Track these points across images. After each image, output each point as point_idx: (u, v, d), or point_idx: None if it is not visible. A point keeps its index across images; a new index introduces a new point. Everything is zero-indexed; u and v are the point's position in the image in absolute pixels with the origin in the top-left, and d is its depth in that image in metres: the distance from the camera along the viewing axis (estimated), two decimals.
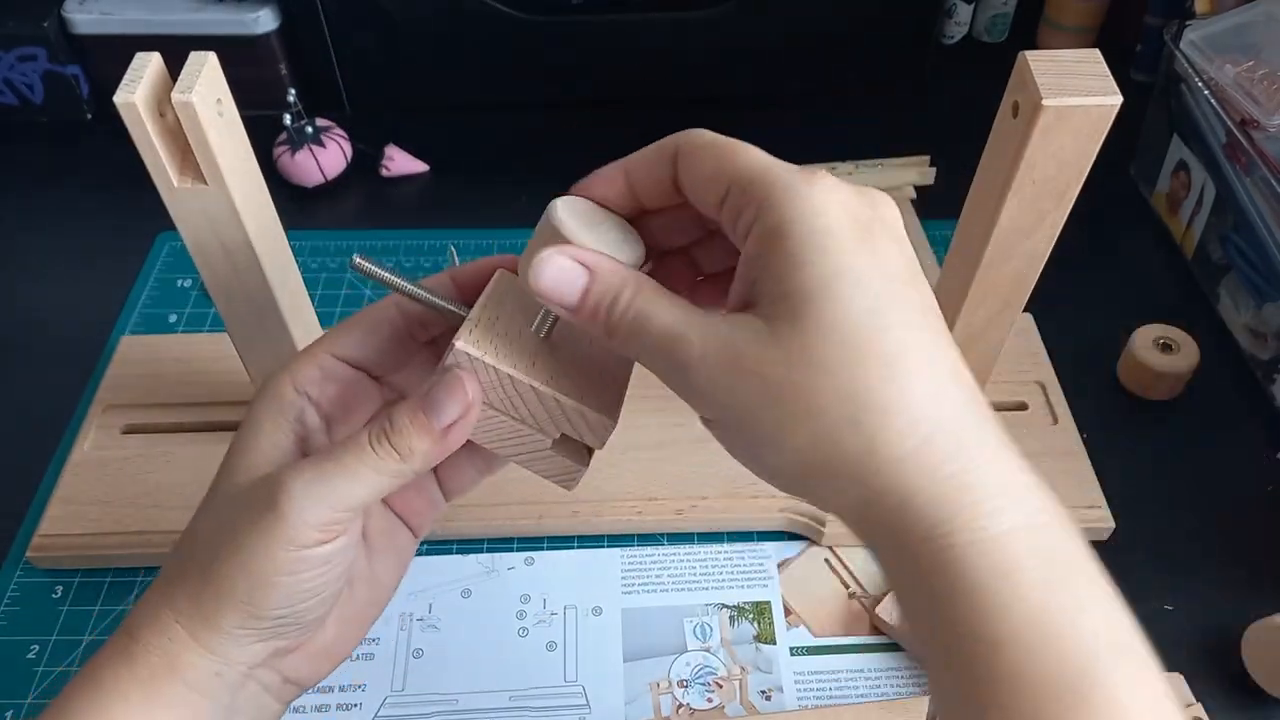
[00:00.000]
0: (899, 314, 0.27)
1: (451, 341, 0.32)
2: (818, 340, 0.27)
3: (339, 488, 0.31)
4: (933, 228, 0.69)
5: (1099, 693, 0.24)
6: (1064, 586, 0.26)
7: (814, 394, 0.26)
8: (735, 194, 0.29)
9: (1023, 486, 0.27)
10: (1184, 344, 0.58)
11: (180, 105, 0.37)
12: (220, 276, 0.44)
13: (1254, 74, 0.60)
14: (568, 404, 0.32)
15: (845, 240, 0.27)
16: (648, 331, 0.29)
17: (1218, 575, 0.52)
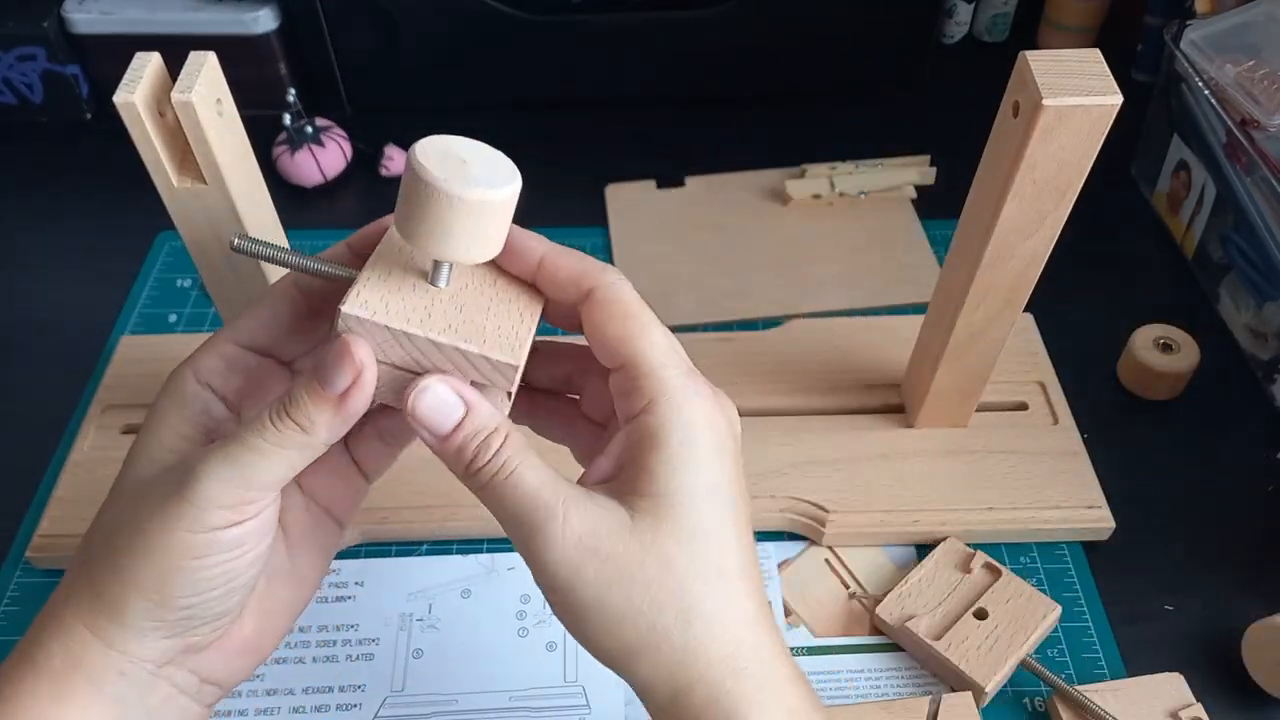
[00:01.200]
0: (733, 535, 0.32)
1: (338, 306, 0.31)
2: (674, 544, 0.30)
3: (246, 466, 0.30)
4: (933, 227, 0.69)
5: None
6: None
7: (658, 592, 0.30)
8: (629, 376, 0.32)
9: (791, 679, 0.32)
10: (1184, 344, 0.58)
11: (180, 105, 0.37)
12: (220, 276, 0.44)
13: (1254, 74, 0.60)
14: (470, 351, 0.31)
15: (711, 459, 0.31)
16: (515, 488, 0.31)
17: (1218, 575, 0.52)
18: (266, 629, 0.35)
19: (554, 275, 0.33)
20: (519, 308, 0.34)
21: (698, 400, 0.32)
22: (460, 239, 0.31)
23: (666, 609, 0.30)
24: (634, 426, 0.32)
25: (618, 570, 0.30)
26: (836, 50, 0.77)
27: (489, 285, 0.34)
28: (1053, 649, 0.49)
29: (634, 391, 0.32)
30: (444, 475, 0.53)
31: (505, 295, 0.34)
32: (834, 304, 0.64)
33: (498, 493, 0.31)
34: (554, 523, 0.30)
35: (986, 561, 0.50)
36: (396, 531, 0.52)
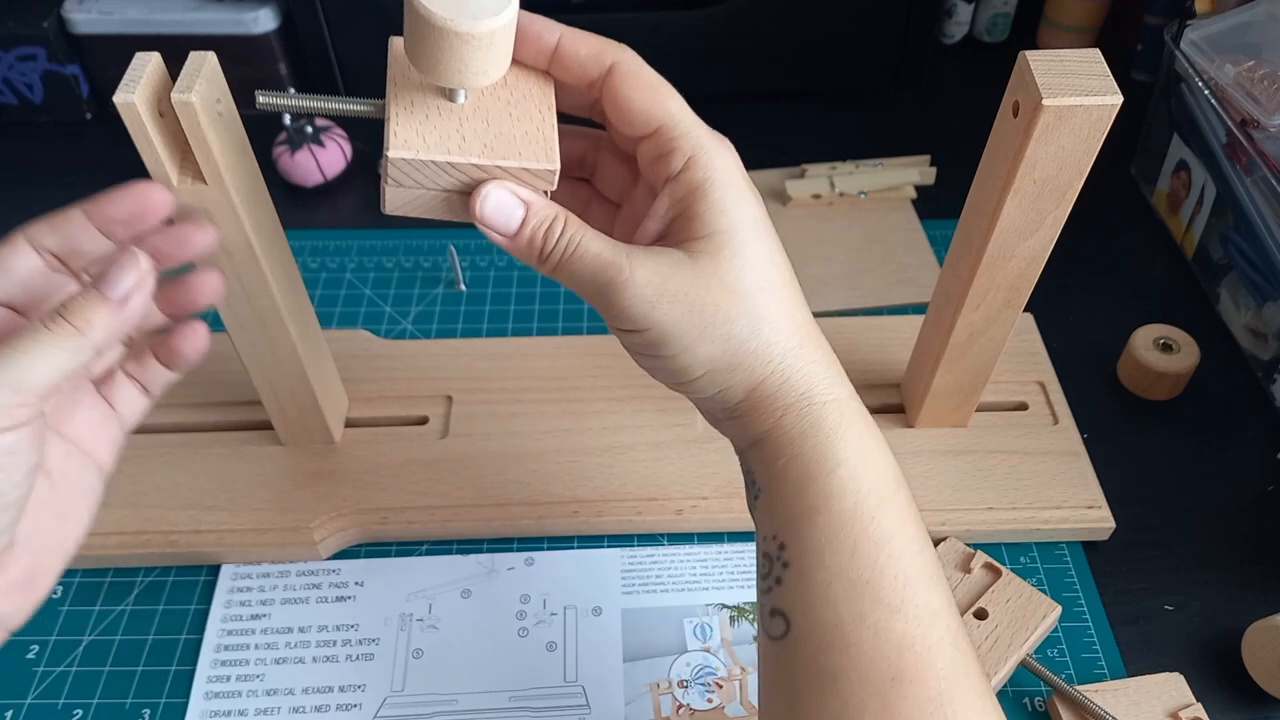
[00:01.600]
0: (780, 257, 0.37)
1: (384, 154, 0.34)
2: (733, 272, 0.35)
3: (17, 367, 0.31)
4: (933, 227, 0.69)
5: (893, 501, 0.34)
6: (870, 434, 0.36)
7: (728, 310, 0.35)
8: (662, 138, 0.36)
9: (843, 376, 0.37)
10: (1184, 344, 0.58)
11: (180, 105, 0.37)
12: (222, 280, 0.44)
13: (1254, 74, 0.60)
14: (511, 166, 0.34)
15: (747, 198, 0.36)
16: (582, 258, 0.35)
17: (1218, 575, 0.52)
18: (39, 567, 0.35)
19: (574, 54, 0.36)
20: (536, 104, 0.36)
21: (728, 152, 0.36)
22: (475, 67, 0.33)
23: (737, 320, 0.35)
24: (678, 183, 0.36)
25: (688, 299, 0.34)
26: (836, 50, 0.77)
27: (502, 86, 0.36)
28: (1053, 649, 0.49)
29: (672, 152, 0.35)
30: (444, 475, 0.53)
31: (520, 92, 0.36)
32: (834, 304, 0.64)
33: (571, 267, 0.35)
34: (622, 274, 0.34)
35: (986, 561, 0.50)
36: (397, 531, 0.52)
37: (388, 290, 0.65)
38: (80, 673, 0.48)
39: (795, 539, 0.34)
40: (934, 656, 0.32)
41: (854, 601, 0.32)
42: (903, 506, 0.35)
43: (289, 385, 0.50)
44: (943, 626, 0.32)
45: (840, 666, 0.31)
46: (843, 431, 0.35)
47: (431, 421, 0.55)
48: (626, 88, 0.36)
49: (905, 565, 0.33)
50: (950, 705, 0.31)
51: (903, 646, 0.31)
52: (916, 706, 0.31)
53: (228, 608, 0.50)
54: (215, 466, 0.53)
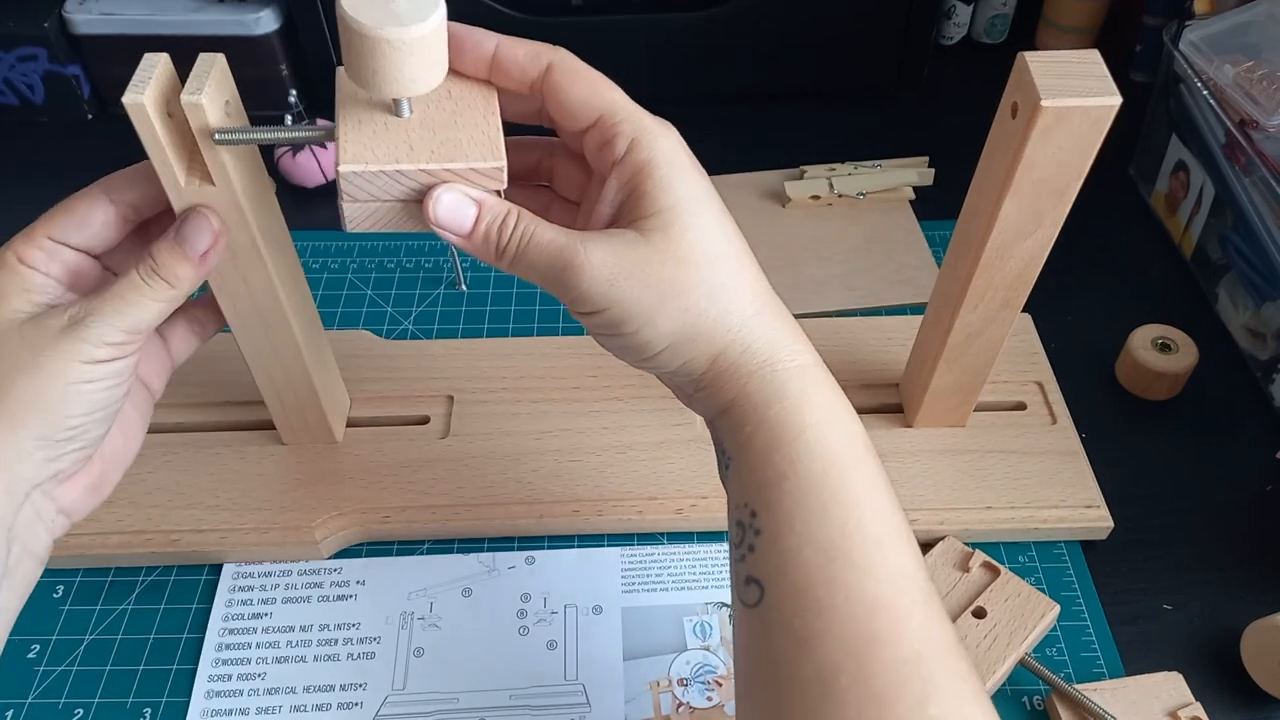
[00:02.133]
0: (731, 229, 0.38)
1: (335, 168, 0.36)
2: (685, 245, 0.36)
3: (125, 312, 0.38)
4: (931, 228, 0.69)
5: (861, 465, 0.35)
6: (836, 399, 0.37)
7: (683, 282, 0.36)
8: (605, 126, 0.37)
9: (806, 342, 0.38)
10: (1182, 344, 0.58)
11: (189, 107, 0.37)
12: (225, 277, 0.44)
13: (1253, 74, 0.60)
14: (459, 168, 0.36)
15: (692, 174, 0.37)
16: (537, 247, 0.36)
17: (1217, 575, 0.52)
18: (107, 474, 0.42)
19: (512, 59, 0.37)
20: (480, 110, 0.37)
21: (670, 133, 0.38)
22: (411, 74, 0.34)
23: (693, 291, 0.36)
24: (623, 166, 0.37)
25: (643, 276, 0.35)
26: (836, 51, 0.77)
27: (446, 98, 0.37)
28: (1051, 648, 0.49)
29: (615, 137, 0.37)
30: (445, 475, 0.53)
31: (464, 102, 0.37)
32: (833, 304, 0.64)
33: (527, 258, 0.37)
34: (578, 257, 0.35)
35: (985, 560, 0.50)
36: (398, 530, 0.52)
37: (389, 290, 0.65)
38: (81, 672, 0.48)
39: (765, 505, 0.34)
40: (907, 618, 0.32)
41: (825, 565, 0.33)
42: (871, 470, 0.35)
43: (292, 385, 0.50)
44: (915, 589, 0.33)
45: (814, 630, 0.32)
46: (808, 396, 0.36)
47: (433, 421, 0.56)
48: (565, 82, 0.37)
49: (875, 528, 0.33)
50: (925, 665, 0.31)
51: (875, 608, 0.32)
52: (891, 667, 0.31)
53: (229, 606, 0.50)
54: (217, 466, 0.53)
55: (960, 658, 0.32)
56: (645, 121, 0.37)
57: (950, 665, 0.32)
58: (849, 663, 0.31)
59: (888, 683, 0.31)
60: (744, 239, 0.38)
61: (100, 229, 0.40)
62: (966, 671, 0.32)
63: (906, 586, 0.33)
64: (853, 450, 0.35)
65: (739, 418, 0.36)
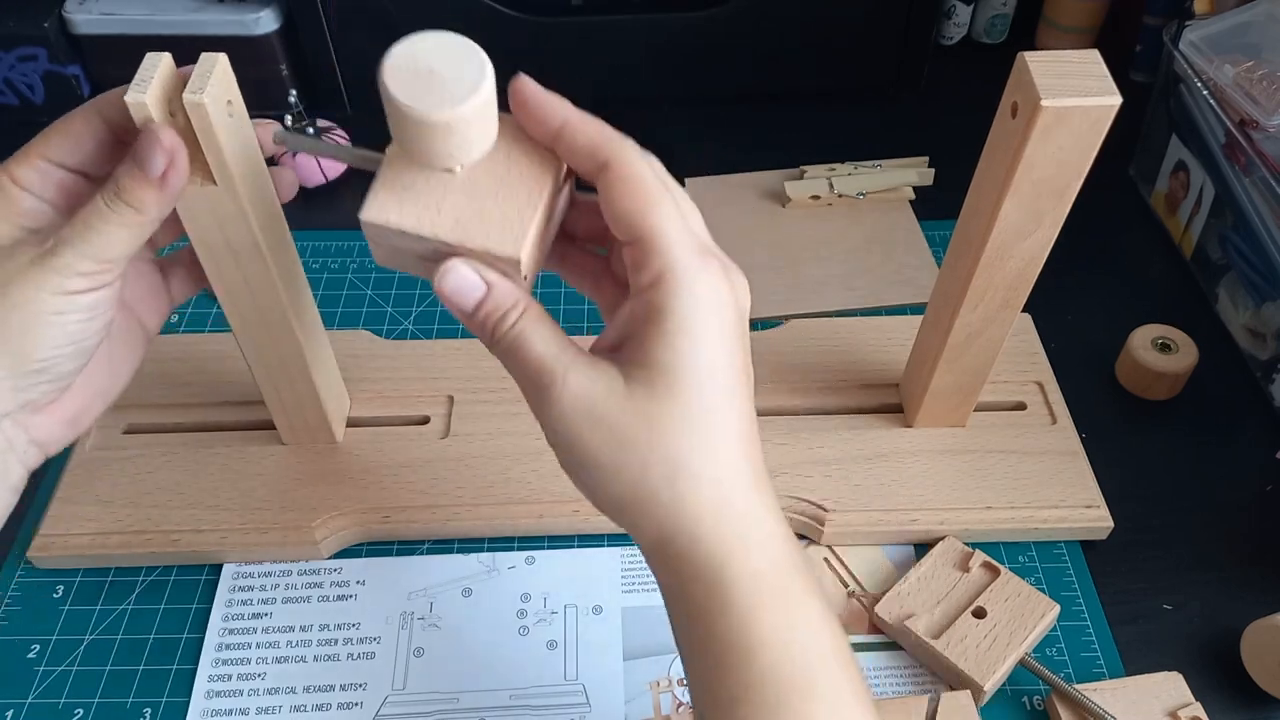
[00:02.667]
0: (729, 405, 0.34)
1: (359, 215, 0.34)
2: (663, 410, 0.33)
3: (92, 240, 0.36)
4: (931, 228, 0.69)
5: (821, 689, 0.32)
6: (797, 607, 0.33)
7: (649, 452, 0.33)
8: (639, 251, 0.33)
9: (778, 535, 0.34)
10: (1182, 344, 0.58)
11: (192, 106, 0.37)
12: (227, 276, 0.44)
13: (1253, 74, 0.60)
14: (475, 248, 0.34)
15: (711, 337, 0.33)
16: (524, 353, 0.34)
17: (1217, 575, 0.52)
18: (86, 407, 0.41)
19: (573, 143, 0.34)
20: (529, 186, 0.34)
21: (705, 278, 0.33)
22: (456, 148, 0.33)
23: (653, 468, 0.33)
24: (640, 301, 0.34)
25: (610, 431, 0.33)
26: (835, 51, 0.77)
27: (503, 159, 0.35)
28: (1051, 648, 0.49)
29: (644, 267, 0.33)
30: (445, 475, 0.53)
31: (517, 170, 0.35)
32: (833, 304, 0.64)
33: (512, 359, 0.35)
34: (555, 386, 0.33)
35: (985, 560, 0.50)
36: (398, 530, 0.52)
37: (389, 290, 0.65)
38: (81, 672, 0.48)
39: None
40: None
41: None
42: (835, 687, 0.32)
43: (292, 384, 0.50)
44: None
45: None
46: (757, 612, 0.32)
47: (433, 421, 0.56)
48: (614, 192, 0.33)
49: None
50: None
51: None
52: None
53: (229, 606, 0.50)
54: (217, 466, 0.53)
55: None
56: (681, 261, 0.33)
57: None
58: None
59: None
60: (749, 413, 0.35)
61: (95, 148, 0.38)
62: None
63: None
64: (814, 670, 0.32)
65: (687, 618, 0.33)
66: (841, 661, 0.33)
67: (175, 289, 0.45)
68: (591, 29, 0.74)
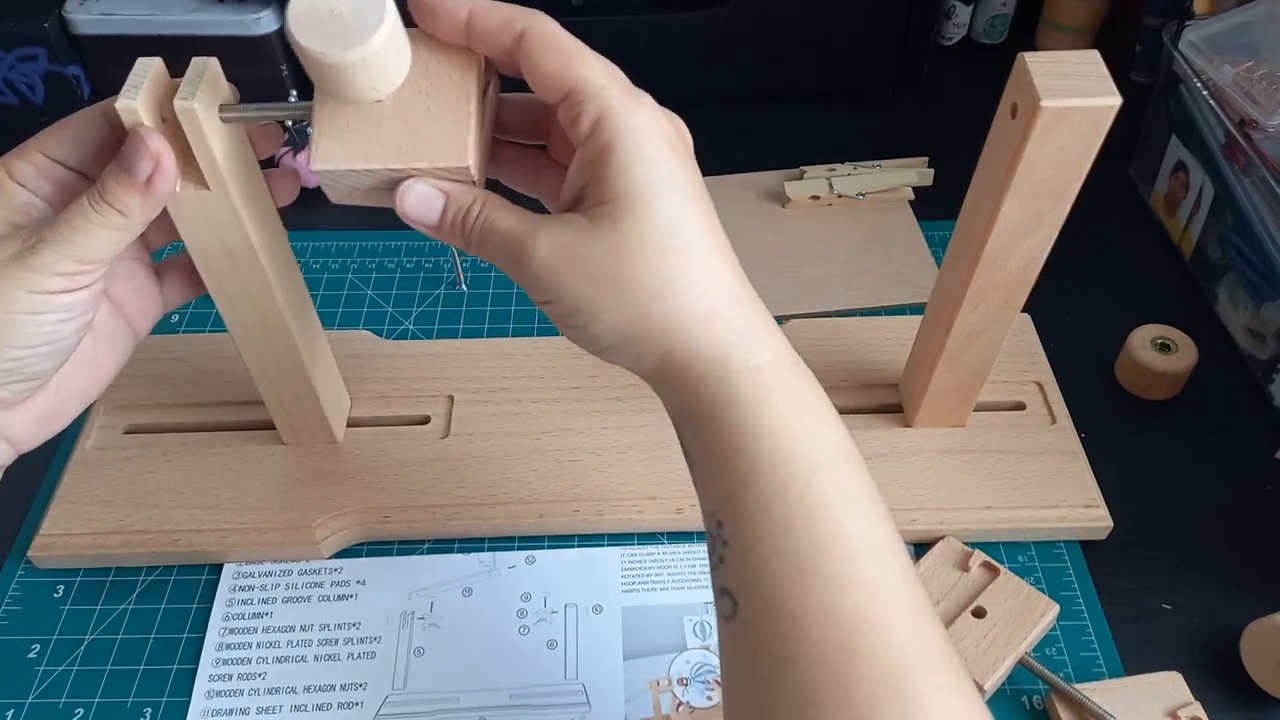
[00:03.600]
0: (695, 215, 0.35)
1: (309, 168, 0.36)
2: (635, 236, 0.34)
3: (74, 240, 0.36)
4: (931, 228, 0.69)
5: (827, 470, 0.33)
6: (803, 400, 0.35)
7: (629, 278, 0.34)
8: (574, 101, 0.35)
9: (775, 337, 0.35)
10: (1182, 344, 0.58)
11: (182, 112, 0.37)
12: (223, 280, 0.44)
13: (1253, 74, 0.60)
14: (425, 167, 0.36)
15: (660, 157, 0.34)
16: (495, 233, 0.36)
17: (1216, 575, 0.52)
18: (62, 407, 0.41)
19: (485, 26, 0.35)
20: (455, 94, 0.36)
21: (642, 109, 0.35)
22: (376, 80, 0.34)
23: (639, 290, 0.34)
24: (586, 146, 0.35)
25: (589, 267, 0.34)
26: (835, 51, 0.77)
27: (423, 77, 0.36)
28: (1051, 647, 0.49)
29: (581, 115, 0.35)
30: (445, 475, 0.53)
31: (440, 81, 0.36)
32: (832, 304, 0.64)
33: (485, 242, 0.36)
34: (527, 243, 0.35)
35: (984, 560, 0.50)
36: (398, 530, 0.52)
37: (389, 291, 0.65)
38: (82, 672, 0.48)
39: (730, 515, 0.33)
40: (887, 631, 0.31)
41: (793, 577, 0.31)
42: (842, 474, 0.33)
43: (291, 386, 0.50)
44: (898, 600, 0.31)
45: (792, 652, 0.31)
46: (765, 400, 0.34)
47: (433, 421, 0.56)
48: (535, 52, 0.35)
49: (848, 538, 0.32)
50: (908, 678, 0.30)
51: (852, 623, 0.31)
52: (872, 682, 0.30)
53: (229, 606, 0.50)
54: (218, 466, 0.53)
55: (950, 666, 0.31)
56: (613, 98, 0.34)
57: (938, 676, 0.31)
58: (831, 682, 0.30)
59: (870, 700, 0.30)
60: (716, 226, 0.36)
61: (96, 148, 0.38)
62: (956, 681, 0.31)
63: (888, 599, 0.31)
64: (820, 454, 0.33)
65: (696, 423, 0.35)
66: (844, 447, 0.34)
67: (169, 294, 0.45)
68: (591, 29, 0.73)
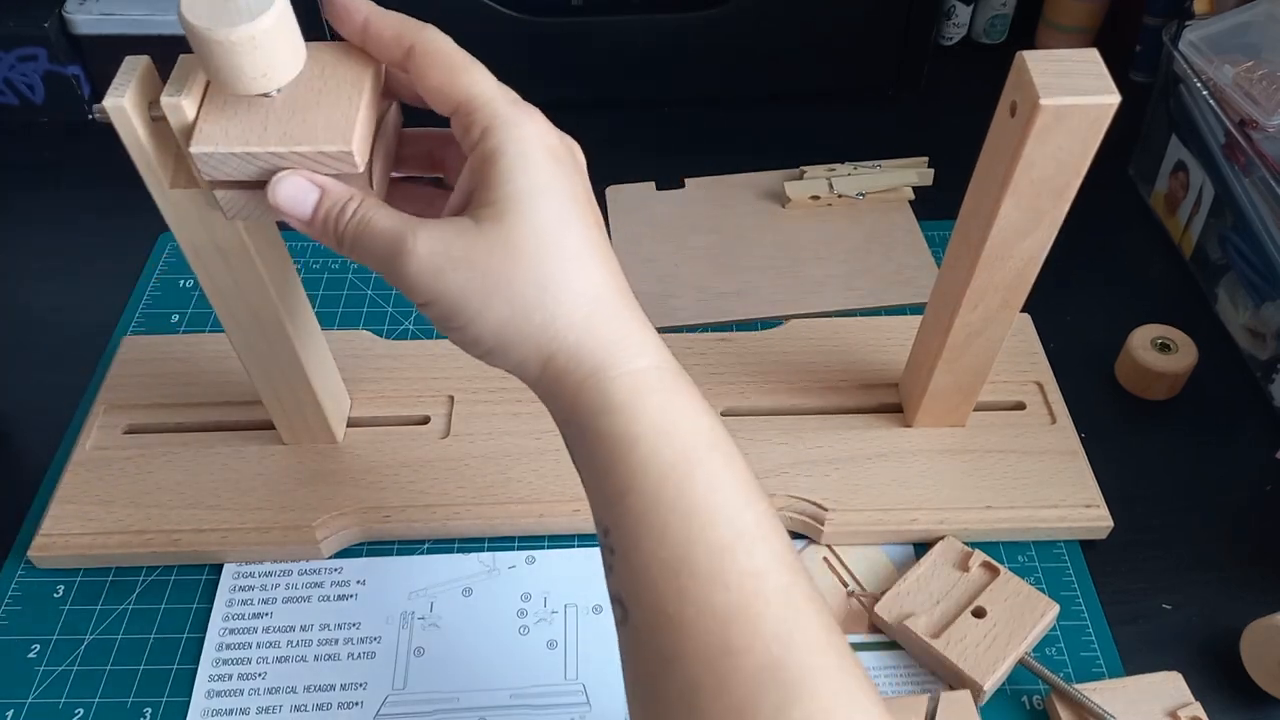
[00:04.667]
0: (576, 221, 0.35)
1: (186, 149, 0.35)
2: (517, 236, 0.34)
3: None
4: (930, 228, 0.69)
5: (701, 471, 0.33)
6: (678, 402, 0.35)
7: (511, 278, 0.34)
8: (464, 114, 0.36)
9: (651, 342, 0.36)
10: (1182, 344, 0.58)
11: (170, 108, 0.36)
12: (217, 279, 0.44)
13: (1253, 74, 0.60)
14: (307, 150, 0.35)
15: (544, 165, 0.35)
16: (371, 233, 0.35)
17: (1216, 575, 0.52)
18: None
19: (379, 37, 0.36)
20: (347, 91, 0.36)
21: (528, 120, 0.36)
22: (266, 67, 0.34)
23: (520, 292, 0.34)
24: (475, 154, 0.36)
25: (471, 268, 0.34)
26: (835, 51, 0.77)
27: (318, 76, 0.36)
28: (1051, 647, 0.49)
29: (471, 126, 0.36)
30: (445, 475, 0.53)
31: (335, 79, 0.36)
32: (832, 304, 0.64)
33: (360, 243, 0.36)
34: (406, 243, 0.35)
35: (984, 560, 0.50)
36: (398, 530, 0.52)
37: (390, 290, 0.65)
38: (82, 671, 0.48)
39: (614, 524, 0.34)
40: (761, 622, 0.31)
41: (671, 580, 0.32)
42: (715, 471, 0.33)
43: (290, 385, 0.50)
44: (770, 588, 0.31)
45: (674, 648, 0.31)
46: (637, 405, 0.34)
47: (433, 421, 0.56)
48: (424, 68, 0.36)
49: (720, 533, 0.32)
50: (784, 669, 0.30)
51: (727, 618, 0.31)
52: (749, 675, 0.30)
53: (229, 606, 0.50)
54: (218, 466, 0.53)
55: (828, 649, 0.31)
56: (501, 109, 0.35)
57: (815, 661, 0.30)
58: (708, 678, 0.30)
59: (747, 693, 0.30)
60: (599, 233, 0.36)
61: None
62: (836, 664, 0.31)
63: (759, 587, 0.31)
64: (691, 453, 0.33)
65: (578, 431, 0.35)
66: (714, 436, 0.34)
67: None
68: (591, 29, 0.74)
